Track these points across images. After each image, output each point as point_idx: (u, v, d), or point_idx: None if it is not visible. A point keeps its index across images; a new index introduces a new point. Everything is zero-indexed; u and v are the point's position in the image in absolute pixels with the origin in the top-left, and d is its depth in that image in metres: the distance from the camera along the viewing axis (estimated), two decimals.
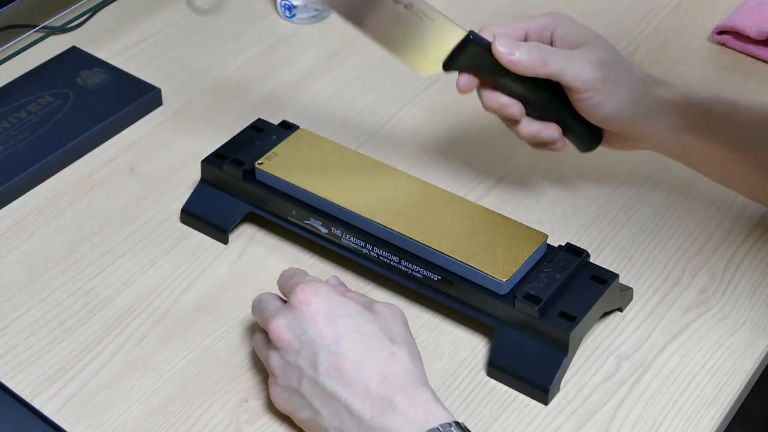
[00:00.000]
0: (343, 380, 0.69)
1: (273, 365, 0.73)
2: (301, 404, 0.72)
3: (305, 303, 0.72)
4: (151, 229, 0.90)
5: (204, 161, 0.89)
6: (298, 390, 0.71)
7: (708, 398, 0.78)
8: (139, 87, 1.01)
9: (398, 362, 0.70)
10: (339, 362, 0.70)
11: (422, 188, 0.85)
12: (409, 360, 0.71)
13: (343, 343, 0.70)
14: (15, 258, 0.87)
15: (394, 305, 0.75)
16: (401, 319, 0.75)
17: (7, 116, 0.97)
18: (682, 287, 0.86)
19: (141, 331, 0.82)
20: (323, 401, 0.70)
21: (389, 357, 0.70)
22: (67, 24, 1.09)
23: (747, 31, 1.05)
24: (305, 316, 0.72)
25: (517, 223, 0.82)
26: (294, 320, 0.72)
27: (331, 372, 0.70)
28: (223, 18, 1.12)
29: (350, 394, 0.69)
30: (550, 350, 0.77)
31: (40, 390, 0.77)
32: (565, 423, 0.76)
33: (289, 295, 0.74)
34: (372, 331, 0.71)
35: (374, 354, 0.70)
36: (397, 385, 0.69)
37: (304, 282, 0.74)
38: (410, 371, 0.70)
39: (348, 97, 1.03)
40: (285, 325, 0.72)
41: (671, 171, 0.95)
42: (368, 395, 0.69)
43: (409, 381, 0.69)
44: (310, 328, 0.71)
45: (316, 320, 0.71)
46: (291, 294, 0.74)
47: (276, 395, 0.74)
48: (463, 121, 1.00)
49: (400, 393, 0.68)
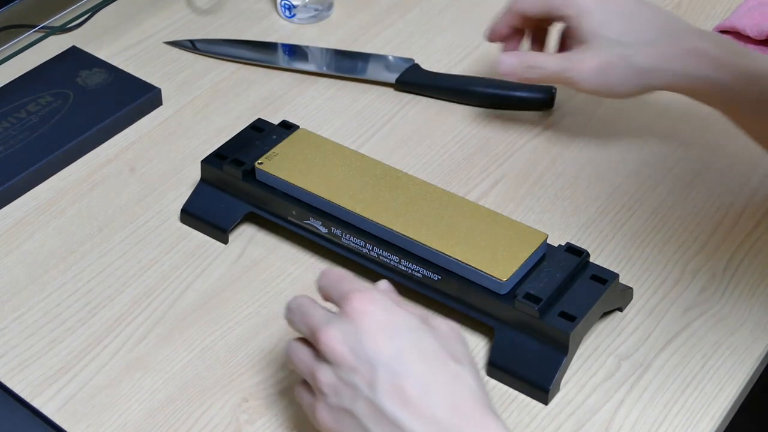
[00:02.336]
0: (405, 403, 0.63)
1: (322, 381, 0.66)
2: (353, 427, 0.65)
3: (362, 313, 0.65)
4: (151, 229, 0.90)
5: (204, 161, 0.89)
6: (351, 411, 0.65)
7: (708, 398, 0.78)
8: (139, 87, 1.01)
9: (464, 385, 0.64)
10: (401, 382, 0.63)
11: (422, 188, 0.85)
12: (474, 382, 0.65)
13: (404, 360, 0.64)
14: (15, 258, 0.87)
15: (451, 321, 0.69)
16: (460, 335, 0.68)
17: (7, 116, 0.97)
18: (682, 287, 0.86)
19: (141, 331, 0.82)
20: (380, 425, 0.63)
21: (454, 379, 0.64)
22: (67, 24, 1.09)
23: (747, 31, 1.05)
24: (362, 328, 0.65)
25: (517, 223, 0.82)
26: (349, 332, 0.65)
27: (391, 393, 0.63)
28: (223, 18, 1.12)
29: (415, 418, 0.62)
30: (550, 350, 0.77)
31: (40, 390, 0.77)
32: (565, 423, 0.76)
33: (342, 303, 0.67)
34: (435, 349, 0.65)
35: (438, 375, 0.64)
36: (466, 413, 0.63)
37: (361, 290, 0.67)
38: (477, 396, 0.64)
39: (348, 97, 1.03)
40: (340, 338, 0.65)
41: (671, 171, 0.95)
42: (434, 423, 0.62)
43: (476, 409, 0.63)
44: (369, 341, 0.64)
45: (375, 333, 0.65)
46: (344, 302, 0.67)
47: (323, 416, 0.67)
48: (463, 120, 1.00)
49: (470, 423, 0.63)
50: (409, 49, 1.07)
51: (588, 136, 0.99)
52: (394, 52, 1.06)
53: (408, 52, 1.06)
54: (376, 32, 1.10)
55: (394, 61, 1.05)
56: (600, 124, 1.00)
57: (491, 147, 0.98)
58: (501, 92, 1.01)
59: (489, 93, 1.01)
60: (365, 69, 1.05)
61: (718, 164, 0.96)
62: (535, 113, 1.01)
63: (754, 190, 0.94)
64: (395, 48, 1.08)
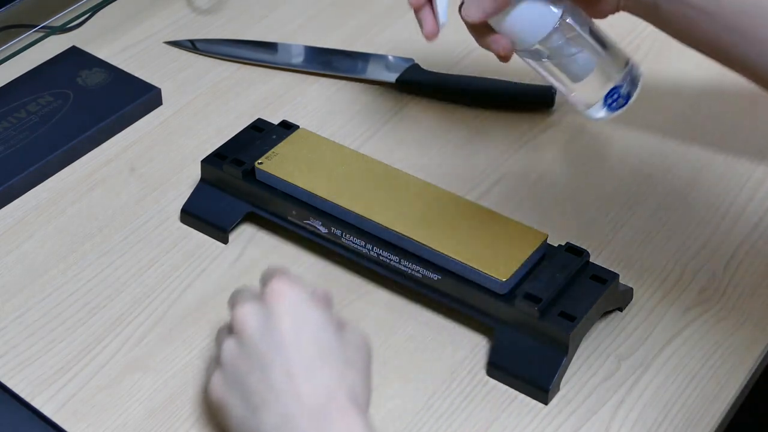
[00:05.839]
0: (291, 382, 0.66)
1: (225, 351, 0.69)
2: (240, 398, 0.68)
3: (278, 296, 0.69)
4: (151, 229, 0.90)
5: (204, 161, 0.89)
6: (243, 383, 0.68)
7: (708, 398, 0.78)
8: (139, 87, 1.01)
9: (347, 384, 0.67)
10: (291, 365, 0.66)
11: (422, 188, 0.85)
12: (358, 387, 0.68)
13: (300, 347, 0.67)
14: (15, 258, 0.87)
15: (364, 335, 0.72)
16: (367, 348, 0.71)
17: (7, 116, 0.97)
18: (682, 287, 0.86)
19: (141, 331, 0.82)
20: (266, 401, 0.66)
21: (340, 376, 0.67)
22: (67, 24, 1.09)
23: None
24: (273, 309, 0.68)
25: (517, 223, 0.82)
26: (261, 310, 0.69)
27: (281, 372, 0.66)
28: (223, 18, 1.12)
29: (294, 399, 0.66)
30: (550, 350, 0.77)
31: (40, 390, 0.77)
32: (565, 423, 0.77)
33: (264, 285, 0.70)
34: (332, 347, 0.68)
35: (326, 368, 0.67)
36: (339, 408, 0.66)
37: (283, 276, 0.70)
38: (356, 398, 0.67)
39: (348, 97, 1.03)
40: (250, 313, 0.69)
41: (671, 171, 0.95)
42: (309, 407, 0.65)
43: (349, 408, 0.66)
44: (275, 322, 0.68)
45: (283, 316, 0.68)
46: (266, 284, 0.70)
47: (216, 384, 0.69)
48: (463, 120, 1.00)
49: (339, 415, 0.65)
50: (409, 49, 1.07)
51: (588, 136, 0.99)
52: (394, 52, 1.06)
53: (408, 52, 1.06)
54: (376, 32, 1.10)
55: (394, 61, 1.05)
56: (600, 124, 0.99)
57: (491, 147, 0.98)
58: (501, 92, 1.01)
59: (489, 93, 1.01)
60: (365, 69, 1.05)
61: (718, 164, 0.96)
62: (535, 113, 1.01)
63: (754, 190, 0.94)
64: (395, 48, 1.08)
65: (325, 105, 1.02)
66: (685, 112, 1.01)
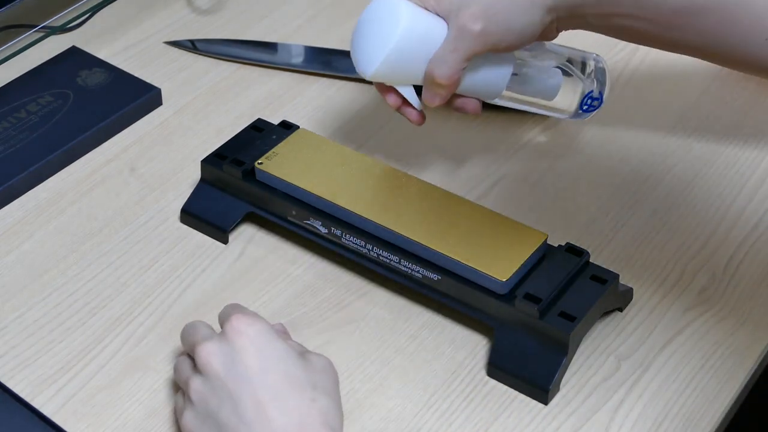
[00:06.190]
0: (261, 415, 0.67)
1: (193, 389, 0.71)
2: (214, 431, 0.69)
3: (239, 333, 0.70)
4: (151, 229, 0.90)
5: (204, 161, 0.89)
6: (215, 417, 0.69)
7: (708, 398, 0.78)
8: (139, 87, 1.01)
9: (317, 410, 0.68)
10: (260, 397, 0.68)
11: (422, 188, 0.85)
12: (330, 412, 0.69)
13: (268, 379, 0.69)
14: (15, 258, 0.87)
15: (327, 360, 0.73)
16: (333, 372, 0.73)
17: (7, 116, 0.97)
18: (682, 287, 0.86)
19: (141, 331, 0.82)
20: None
21: (310, 403, 0.68)
22: (67, 24, 1.09)
23: None
24: (237, 346, 0.70)
25: (517, 223, 0.82)
26: (224, 348, 0.70)
27: (252, 405, 0.68)
28: (223, 18, 1.12)
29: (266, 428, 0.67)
30: (550, 350, 0.77)
31: (40, 390, 0.77)
32: (565, 423, 0.77)
33: (224, 323, 0.72)
34: (299, 375, 0.70)
35: (296, 397, 0.68)
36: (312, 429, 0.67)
37: (243, 314, 0.72)
38: (329, 423, 0.68)
39: (348, 97, 1.03)
40: (215, 352, 0.70)
41: (671, 171, 0.95)
42: None
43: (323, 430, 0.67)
44: (240, 358, 0.69)
45: (247, 351, 0.70)
46: (226, 322, 0.72)
47: (188, 420, 0.71)
48: (462, 120, 1.00)
49: None
50: None
51: (588, 136, 0.99)
52: None
53: None
54: None
55: None
56: (600, 124, 0.99)
57: (491, 147, 0.98)
58: None
59: None
60: None
61: (718, 164, 0.96)
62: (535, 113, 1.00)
63: (754, 190, 0.94)
64: None
65: (325, 105, 1.02)
66: (685, 112, 1.01)
